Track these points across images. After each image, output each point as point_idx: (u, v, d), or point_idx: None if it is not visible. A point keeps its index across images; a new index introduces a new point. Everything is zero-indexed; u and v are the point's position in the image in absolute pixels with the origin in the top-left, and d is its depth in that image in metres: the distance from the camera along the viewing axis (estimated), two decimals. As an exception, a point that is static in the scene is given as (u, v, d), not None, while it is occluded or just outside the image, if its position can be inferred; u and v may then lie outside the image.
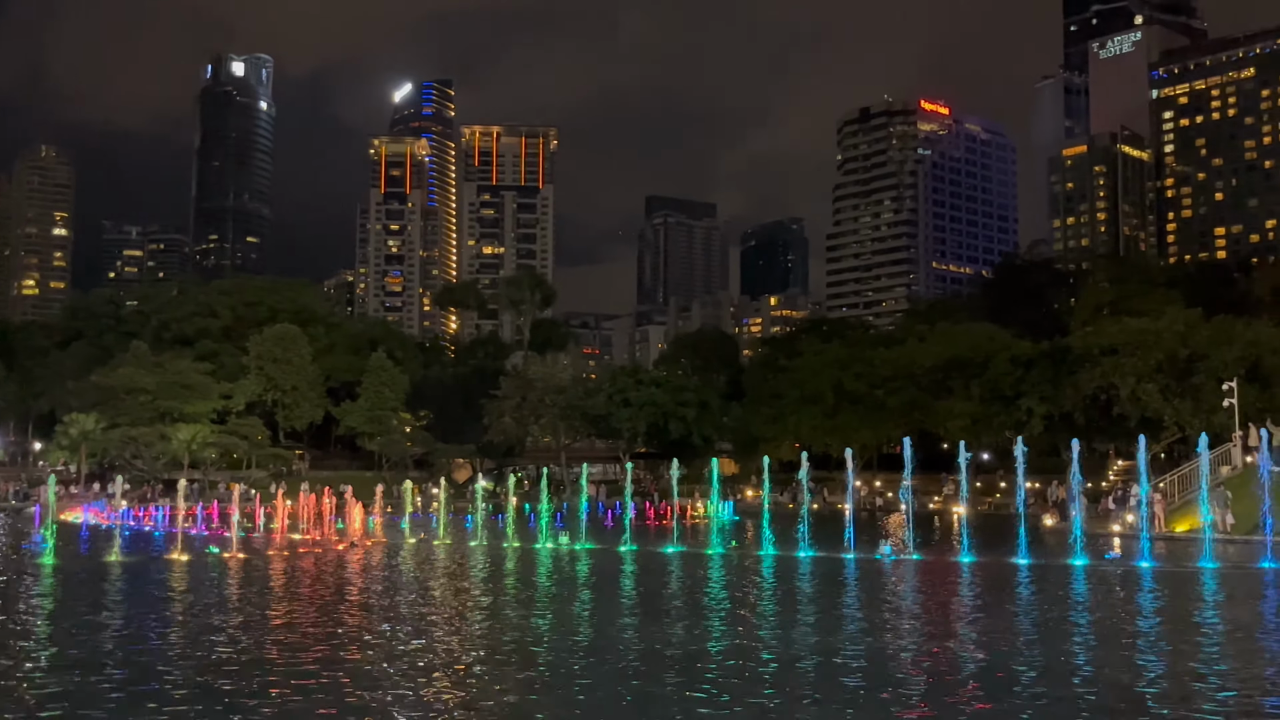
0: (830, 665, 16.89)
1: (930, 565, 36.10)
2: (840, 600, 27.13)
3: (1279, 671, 17.02)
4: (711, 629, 21.01)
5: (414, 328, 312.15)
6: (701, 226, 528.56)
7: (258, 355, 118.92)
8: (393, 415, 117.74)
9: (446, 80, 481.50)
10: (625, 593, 28.62)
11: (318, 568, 33.82)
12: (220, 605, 24.44)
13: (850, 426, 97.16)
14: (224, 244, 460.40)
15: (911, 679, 15.91)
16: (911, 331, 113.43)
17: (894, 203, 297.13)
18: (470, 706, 14.01)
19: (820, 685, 15.54)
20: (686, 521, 59.75)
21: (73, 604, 24.84)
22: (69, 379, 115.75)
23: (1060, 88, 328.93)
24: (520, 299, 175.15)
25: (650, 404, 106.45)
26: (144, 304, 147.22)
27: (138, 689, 14.69)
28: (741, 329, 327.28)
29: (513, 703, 14.25)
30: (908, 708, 14.02)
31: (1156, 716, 13.58)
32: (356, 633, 20.17)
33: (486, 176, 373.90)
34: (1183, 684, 15.55)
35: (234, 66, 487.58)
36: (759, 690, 15.08)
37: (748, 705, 13.97)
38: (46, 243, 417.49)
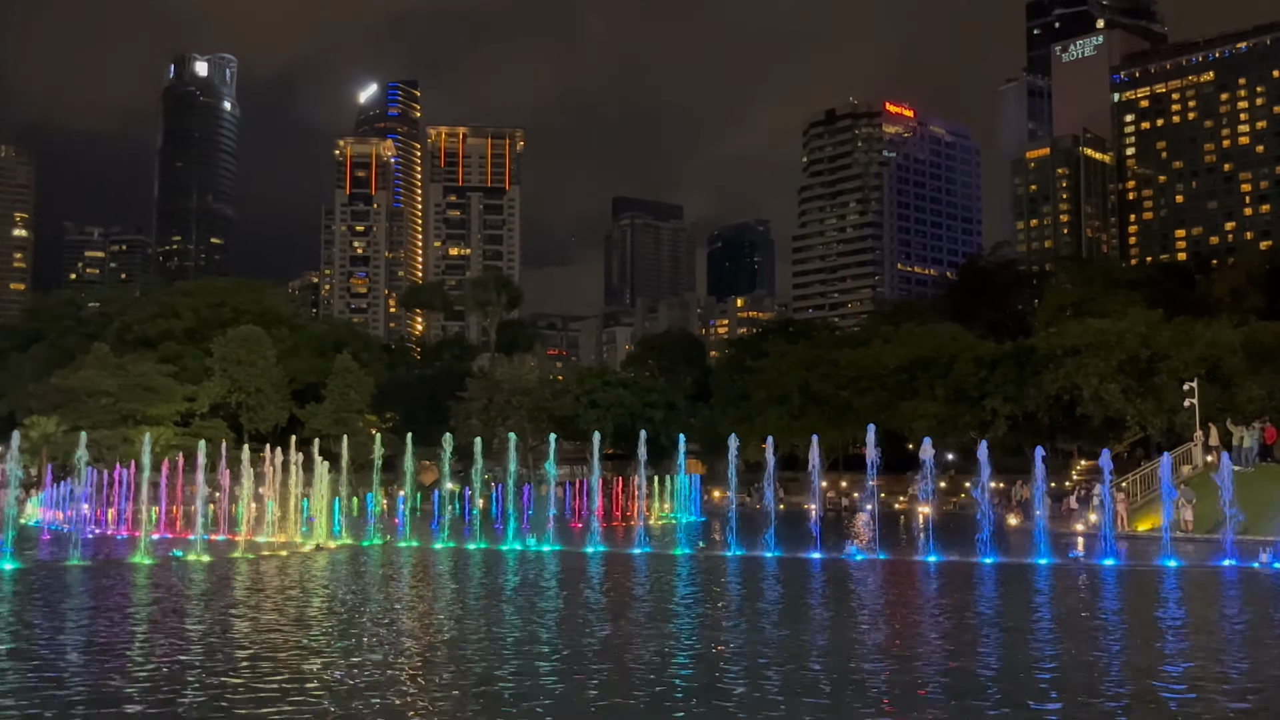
0: (799, 666, 16.96)
1: (895, 565, 36.32)
2: (809, 600, 27.25)
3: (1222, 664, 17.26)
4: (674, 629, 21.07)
5: (380, 329, 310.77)
6: (668, 228, 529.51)
7: (221, 357, 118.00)
8: (358, 417, 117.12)
9: (412, 81, 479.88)
10: (586, 595, 28.62)
11: (275, 571, 33.60)
12: (164, 610, 24.20)
13: (816, 427, 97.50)
14: (187, 245, 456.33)
15: (873, 678, 16.00)
16: (877, 333, 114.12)
17: (859, 205, 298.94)
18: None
19: (787, 686, 15.60)
20: (649, 523, 59.76)
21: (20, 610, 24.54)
22: (29, 381, 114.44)
23: (1023, 90, 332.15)
24: (487, 300, 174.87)
25: (618, 405, 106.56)
26: (106, 305, 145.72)
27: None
28: (708, 330, 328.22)
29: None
30: (869, 706, 14.10)
31: (1110, 710, 13.74)
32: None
33: (452, 178, 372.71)
34: (1138, 676, 15.73)
35: (197, 66, 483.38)
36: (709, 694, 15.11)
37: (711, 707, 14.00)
38: (6, 244, 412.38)
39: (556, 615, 23.19)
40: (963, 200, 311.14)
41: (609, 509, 71.22)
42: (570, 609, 24.44)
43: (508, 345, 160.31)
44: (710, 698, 14.12)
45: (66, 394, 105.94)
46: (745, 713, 13.25)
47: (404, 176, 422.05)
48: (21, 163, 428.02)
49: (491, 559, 38.91)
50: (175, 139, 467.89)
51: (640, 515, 49.85)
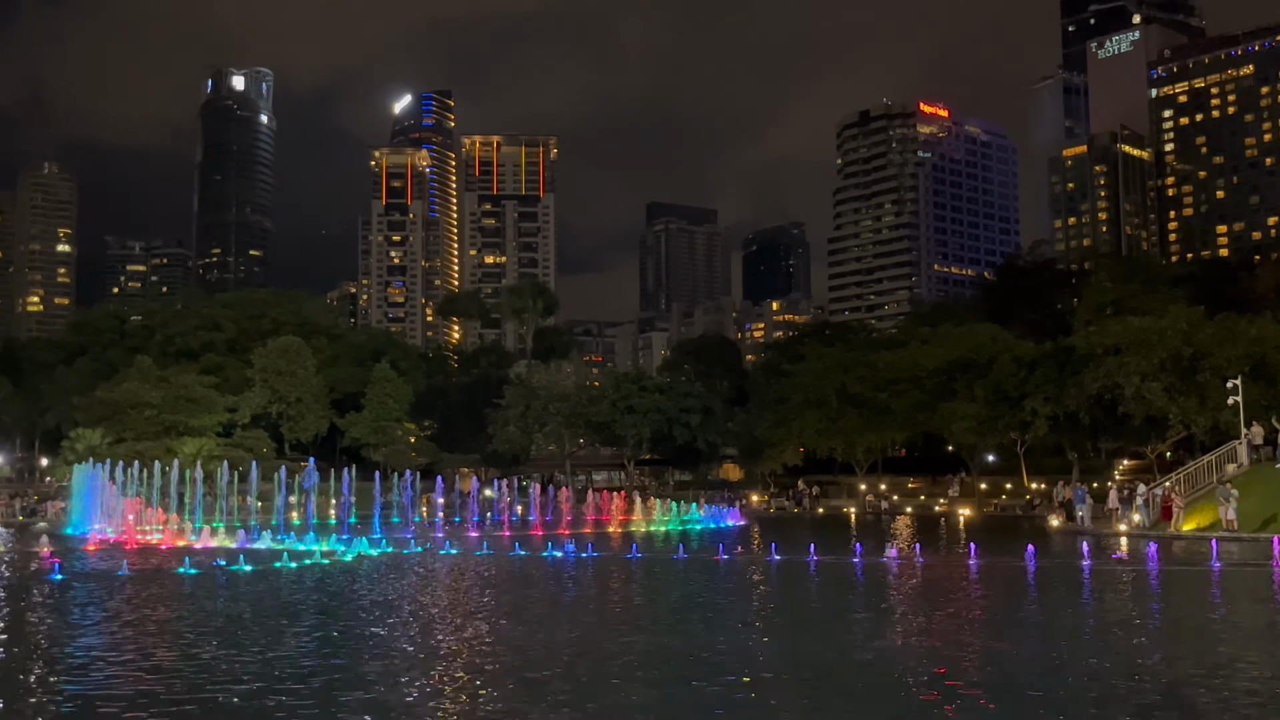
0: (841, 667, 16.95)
1: (936, 567, 36.11)
2: (844, 604, 27.18)
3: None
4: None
5: (417, 338, 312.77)
6: (703, 232, 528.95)
7: (262, 368, 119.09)
8: (397, 425, 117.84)
9: (446, 91, 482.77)
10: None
11: (311, 578, 33.89)
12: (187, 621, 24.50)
13: (854, 430, 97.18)
14: (227, 257, 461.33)
15: (915, 679, 15.95)
16: (914, 334, 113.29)
17: (895, 206, 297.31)
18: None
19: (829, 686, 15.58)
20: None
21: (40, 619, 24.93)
22: (74, 394, 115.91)
23: (1059, 88, 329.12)
24: (523, 307, 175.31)
25: (654, 410, 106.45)
26: (148, 318, 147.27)
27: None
28: (744, 334, 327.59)
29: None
30: (909, 709, 14.06)
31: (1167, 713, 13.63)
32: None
33: (487, 186, 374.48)
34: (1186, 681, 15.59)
35: (234, 80, 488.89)
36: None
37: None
38: (50, 259, 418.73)
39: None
40: (999, 200, 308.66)
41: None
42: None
43: (544, 352, 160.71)
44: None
45: (111, 406, 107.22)
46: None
47: (439, 186, 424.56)
48: (64, 179, 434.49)
49: (539, 565, 39.03)
50: (214, 153, 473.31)
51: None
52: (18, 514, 78.24)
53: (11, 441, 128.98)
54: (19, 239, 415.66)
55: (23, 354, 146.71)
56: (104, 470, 64.22)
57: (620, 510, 66.51)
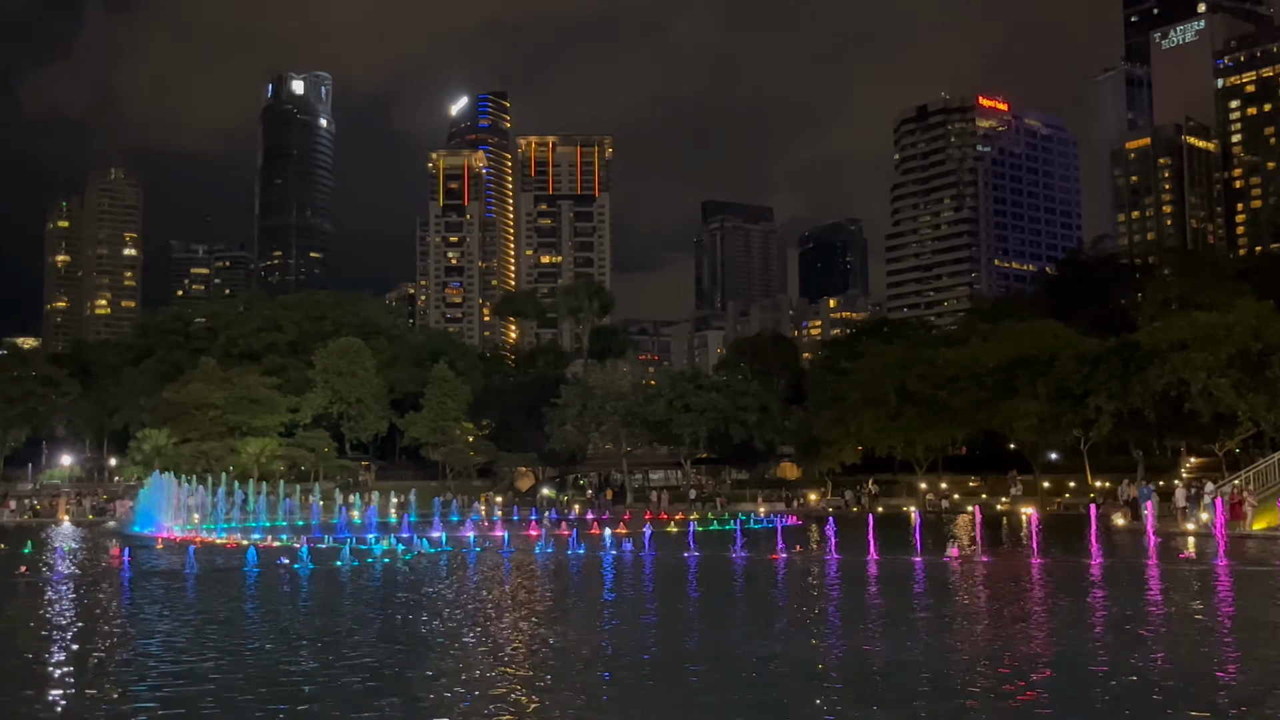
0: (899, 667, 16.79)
1: (998, 566, 35.66)
2: (905, 604, 26.92)
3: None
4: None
5: (474, 338, 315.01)
6: (759, 230, 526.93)
7: (323, 368, 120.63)
8: (455, 425, 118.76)
9: (502, 92, 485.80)
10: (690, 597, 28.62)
11: (374, 574, 34.20)
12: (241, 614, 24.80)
13: (914, 428, 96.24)
14: (288, 260, 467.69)
15: (968, 679, 15.74)
16: (974, 331, 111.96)
17: (954, 201, 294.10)
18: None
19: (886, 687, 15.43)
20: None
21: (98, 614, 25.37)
22: (141, 395, 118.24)
23: (1121, 80, 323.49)
24: (579, 307, 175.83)
25: (711, 409, 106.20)
26: (212, 320, 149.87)
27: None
28: (801, 332, 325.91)
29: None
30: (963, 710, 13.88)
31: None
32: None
33: (543, 186, 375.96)
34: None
35: (294, 85, 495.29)
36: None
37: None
38: (117, 263, 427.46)
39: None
40: (1060, 194, 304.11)
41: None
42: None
43: (600, 351, 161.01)
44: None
45: (176, 407, 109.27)
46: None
47: (495, 187, 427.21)
48: (130, 185, 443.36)
49: (599, 563, 39.11)
50: (274, 157, 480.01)
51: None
52: (88, 513, 79.92)
53: (81, 442, 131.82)
54: (87, 243, 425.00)
55: (91, 356, 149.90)
56: (171, 470, 65.37)
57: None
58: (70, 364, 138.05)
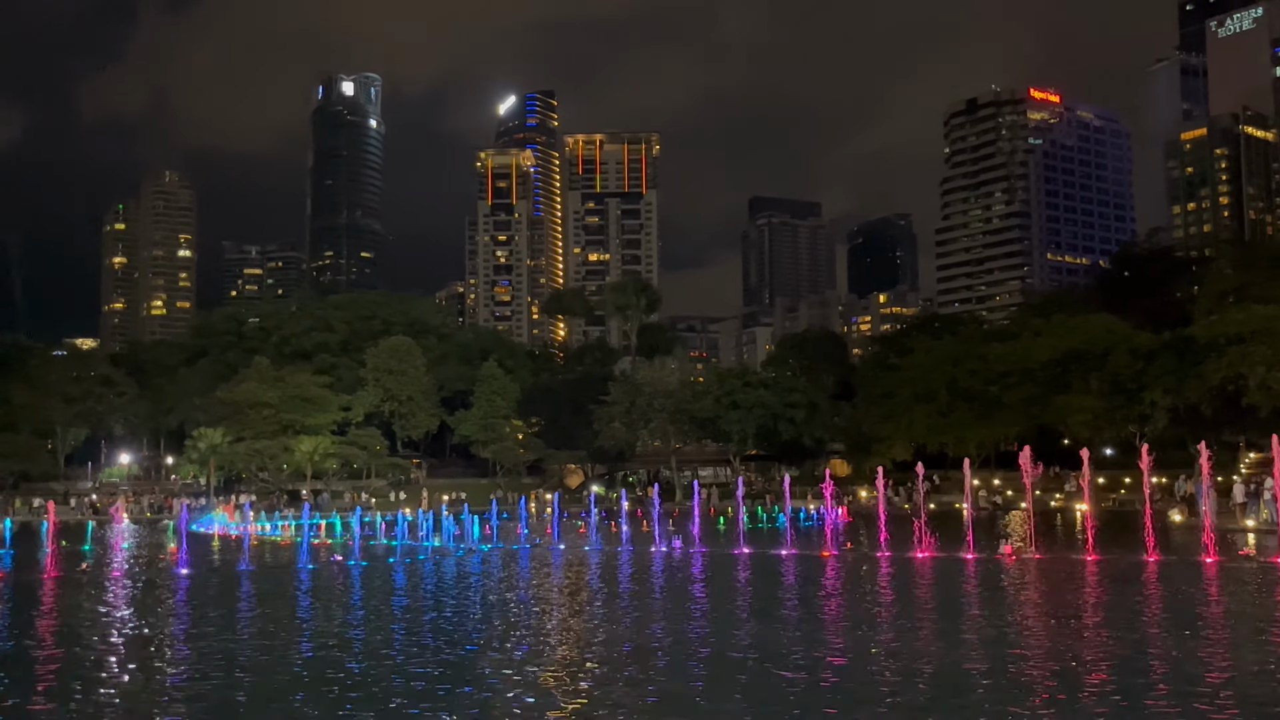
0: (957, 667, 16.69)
1: (1052, 564, 35.30)
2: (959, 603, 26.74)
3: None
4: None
5: (523, 336, 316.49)
6: (806, 225, 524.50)
7: (374, 367, 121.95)
8: (505, 423, 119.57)
9: (549, 91, 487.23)
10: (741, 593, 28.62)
11: (424, 573, 34.50)
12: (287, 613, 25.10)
13: (965, 424, 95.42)
14: (339, 260, 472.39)
15: (1025, 679, 15.62)
16: (1027, 325, 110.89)
17: (1005, 194, 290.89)
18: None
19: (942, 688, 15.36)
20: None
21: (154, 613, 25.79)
22: (196, 395, 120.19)
23: (1176, 70, 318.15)
24: (626, 304, 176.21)
25: (759, 406, 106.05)
26: (264, 320, 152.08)
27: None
28: (850, 328, 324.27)
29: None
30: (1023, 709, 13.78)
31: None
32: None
33: (590, 184, 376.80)
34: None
35: (344, 86, 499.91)
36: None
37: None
38: (172, 264, 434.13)
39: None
40: (1114, 186, 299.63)
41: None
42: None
43: (648, 348, 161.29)
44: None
45: (230, 406, 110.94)
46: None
47: (543, 185, 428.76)
48: (184, 187, 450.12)
49: (648, 559, 39.21)
50: (325, 158, 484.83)
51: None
52: (146, 511, 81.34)
53: (138, 441, 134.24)
54: (143, 245, 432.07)
55: (147, 356, 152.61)
56: (226, 469, 66.38)
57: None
58: (127, 364, 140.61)
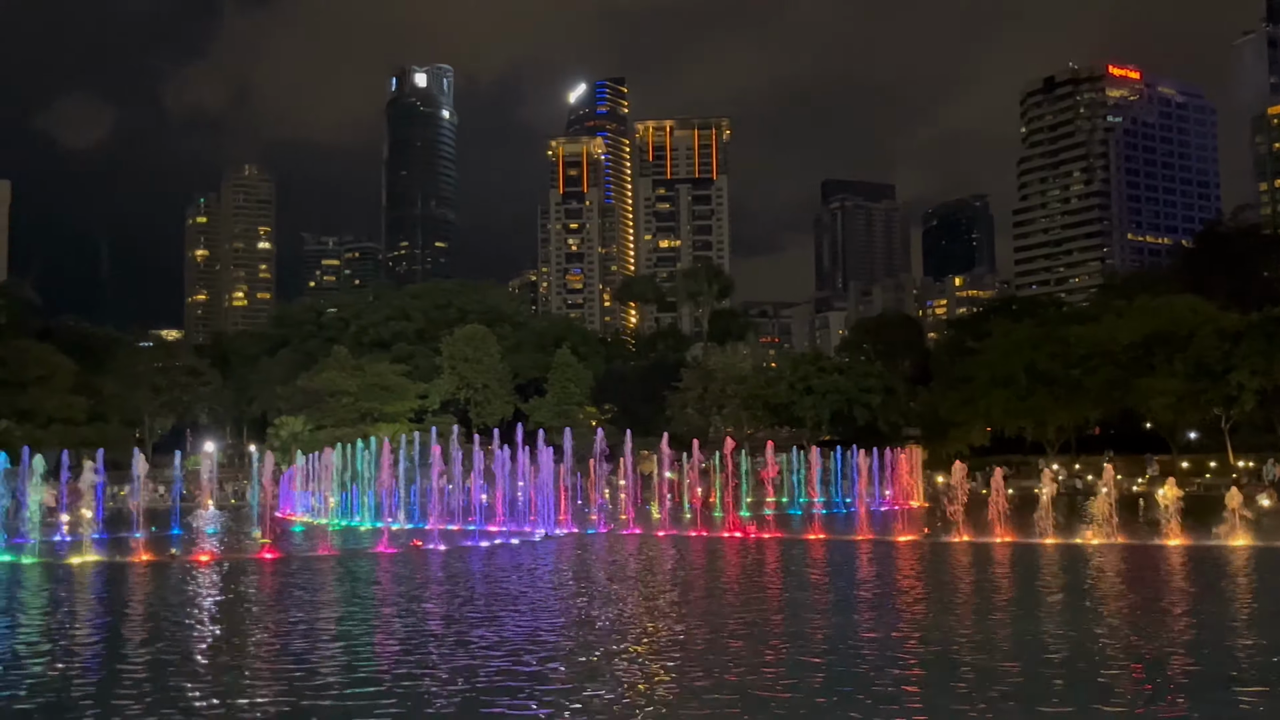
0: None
1: (1134, 550, 34.69)
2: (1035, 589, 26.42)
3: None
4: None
5: (595, 323, 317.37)
6: (880, 208, 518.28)
7: (450, 355, 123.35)
8: (579, 409, 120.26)
9: (619, 78, 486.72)
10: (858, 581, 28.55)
11: (497, 559, 34.89)
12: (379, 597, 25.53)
13: (1045, 408, 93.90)
14: (414, 250, 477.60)
15: (1107, 667, 15.41)
16: (1108, 307, 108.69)
17: (1084, 174, 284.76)
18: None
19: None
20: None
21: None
22: (278, 384, 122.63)
23: (1263, 42, 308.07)
24: (698, 291, 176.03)
25: (833, 391, 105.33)
26: (343, 310, 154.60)
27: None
28: (926, 311, 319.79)
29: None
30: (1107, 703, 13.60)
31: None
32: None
33: (661, 171, 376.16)
34: None
35: (417, 78, 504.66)
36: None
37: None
38: (252, 256, 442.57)
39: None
40: (1197, 163, 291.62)
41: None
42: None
43: (720, 334, 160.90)
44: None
45: (311, 395, 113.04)
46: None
47: (614, 172, 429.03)
48: (264, 180, 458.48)
49: (721, 545, 39.27)
50: (399, 149, 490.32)
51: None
52: (230, 498, 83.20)
53: (222, 429, 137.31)
54: (224, 238, 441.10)
55: (230, 347, 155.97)
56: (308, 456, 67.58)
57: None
58: (211, 354, 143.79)
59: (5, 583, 29.18)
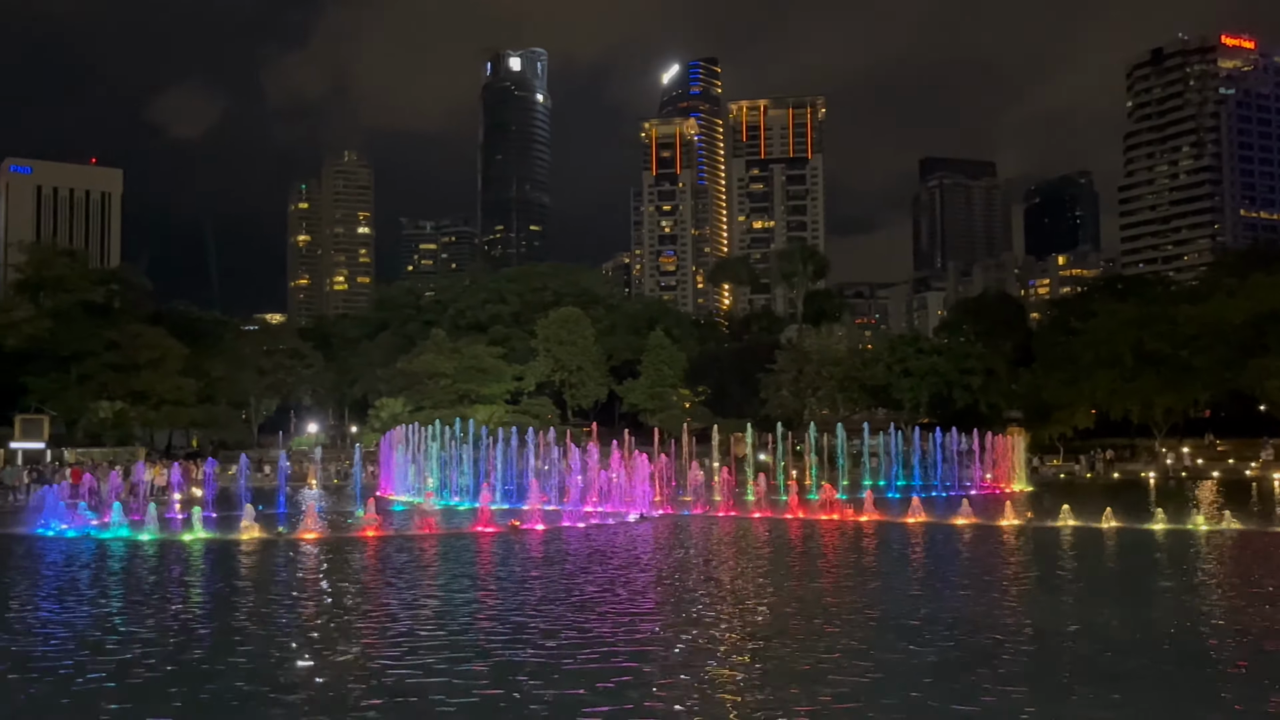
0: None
1: (1249, 536, 33.57)
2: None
3: None
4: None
5: (688, 305, 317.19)
6: (980, 186, 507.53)
7: (545, 338, 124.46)
8: (672, 391, 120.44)
9: (712, 58, 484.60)
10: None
11: (597, 541, 35.07)
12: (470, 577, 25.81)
13: (1152, 390, 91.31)
14: (509, 233, 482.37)
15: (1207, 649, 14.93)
16: (1219, 285, 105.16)
17: (1193, 148, 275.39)
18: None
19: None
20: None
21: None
22: (378, 366, 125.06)
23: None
24: (792, 272, 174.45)
25: (932, 373, 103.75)
26: (440, 294, 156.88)
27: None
28: (1028, 291, 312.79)
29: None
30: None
31: None
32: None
33: (755, 151, 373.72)
34: None
35: (511, 62, 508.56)
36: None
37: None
38: (352, 241, 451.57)
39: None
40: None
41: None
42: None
43: (815, 316, 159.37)
44: None
45: (410, 377, 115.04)
46: None
47: (707, 153, 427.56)
48: (362, 166, 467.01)
49: (815, 529, 39.02)
50: (494, 133, 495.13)
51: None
52: (333, 478, 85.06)
53: (325, 410, 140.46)
54: (325, 223, 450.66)
55: (332, 330, 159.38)
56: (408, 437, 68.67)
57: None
58: (314, 338, 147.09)
59: (125, 557, 30.27)
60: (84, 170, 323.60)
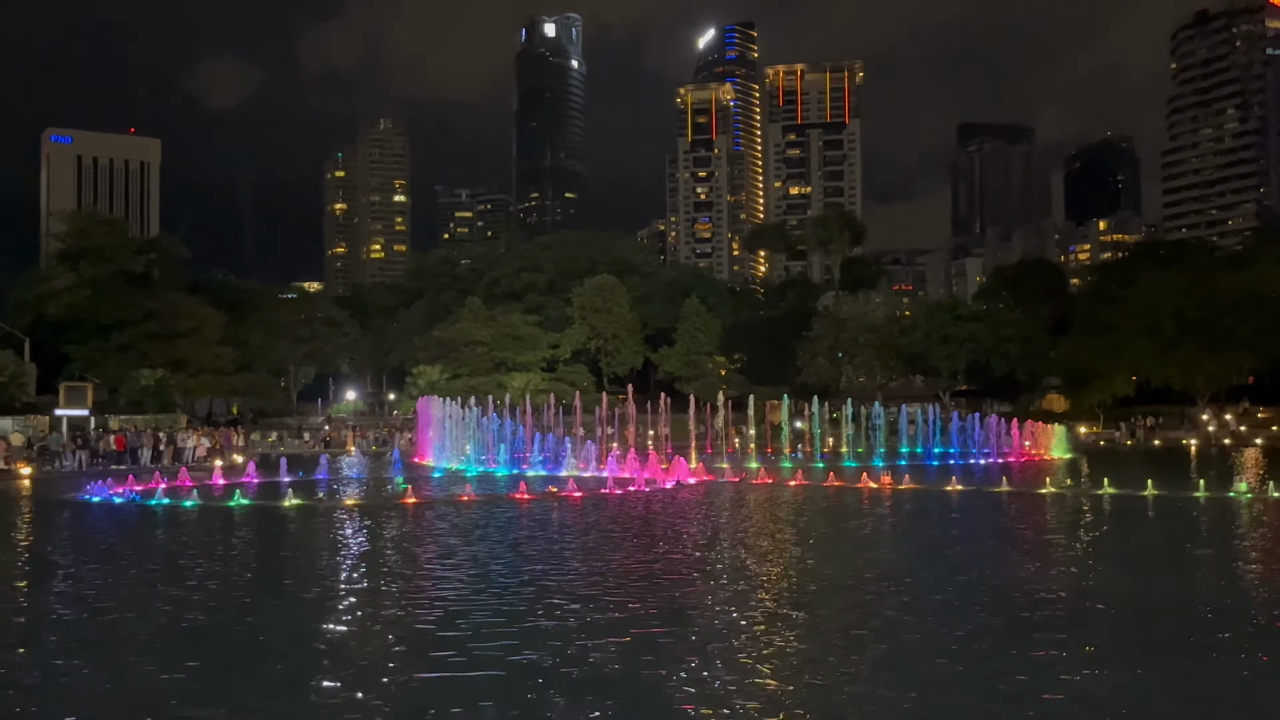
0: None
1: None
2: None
3: None
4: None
5: (724, 272, 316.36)
6: (1019, 151, 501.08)
7: (580, 306, 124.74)
8: (708, 359, 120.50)
9: (749, 23, 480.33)
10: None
11: (634, 507, 35.23)
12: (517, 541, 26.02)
13: (1193, 358, 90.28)
14: (544, 201, 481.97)
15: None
16: (1263, 252, 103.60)
17: (1239, 111, 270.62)
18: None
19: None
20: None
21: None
22: (415, 334, 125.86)
23: None
24: (829, 238, 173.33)
25: (970, 340, 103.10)
26: (476, 262, 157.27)
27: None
28: (1067, 257, 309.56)
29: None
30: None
31: None
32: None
33: (791, 116, 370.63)
34: None
35: (546, 28, 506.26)
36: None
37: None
38: (388, 209, 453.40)
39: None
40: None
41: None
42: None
43: (852, 283, 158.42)
44: None
45: (446, 345, 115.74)
46: None
47: (743, 119, 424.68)
48: (398, 134, 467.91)
49: (856, 496, 39.01)
50: (529, 100, 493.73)
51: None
52: (371, 445, 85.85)
53: (362, 378, 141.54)
54: (361, 192, 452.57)
55: (369, 298, 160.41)
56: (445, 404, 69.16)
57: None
58: (351, 306, 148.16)
59: (169, 521, 30.75)
60: (123, 140, 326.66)
